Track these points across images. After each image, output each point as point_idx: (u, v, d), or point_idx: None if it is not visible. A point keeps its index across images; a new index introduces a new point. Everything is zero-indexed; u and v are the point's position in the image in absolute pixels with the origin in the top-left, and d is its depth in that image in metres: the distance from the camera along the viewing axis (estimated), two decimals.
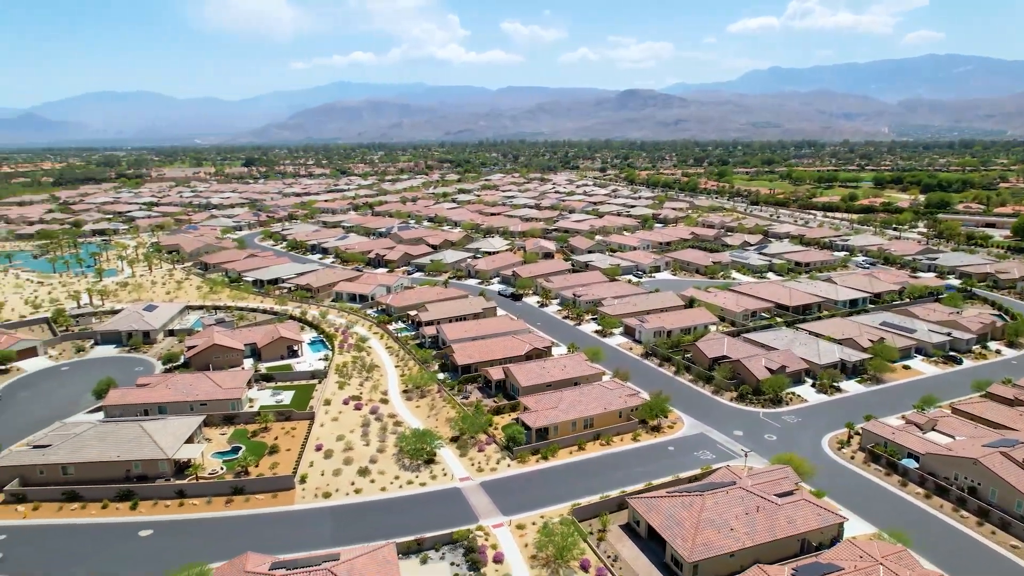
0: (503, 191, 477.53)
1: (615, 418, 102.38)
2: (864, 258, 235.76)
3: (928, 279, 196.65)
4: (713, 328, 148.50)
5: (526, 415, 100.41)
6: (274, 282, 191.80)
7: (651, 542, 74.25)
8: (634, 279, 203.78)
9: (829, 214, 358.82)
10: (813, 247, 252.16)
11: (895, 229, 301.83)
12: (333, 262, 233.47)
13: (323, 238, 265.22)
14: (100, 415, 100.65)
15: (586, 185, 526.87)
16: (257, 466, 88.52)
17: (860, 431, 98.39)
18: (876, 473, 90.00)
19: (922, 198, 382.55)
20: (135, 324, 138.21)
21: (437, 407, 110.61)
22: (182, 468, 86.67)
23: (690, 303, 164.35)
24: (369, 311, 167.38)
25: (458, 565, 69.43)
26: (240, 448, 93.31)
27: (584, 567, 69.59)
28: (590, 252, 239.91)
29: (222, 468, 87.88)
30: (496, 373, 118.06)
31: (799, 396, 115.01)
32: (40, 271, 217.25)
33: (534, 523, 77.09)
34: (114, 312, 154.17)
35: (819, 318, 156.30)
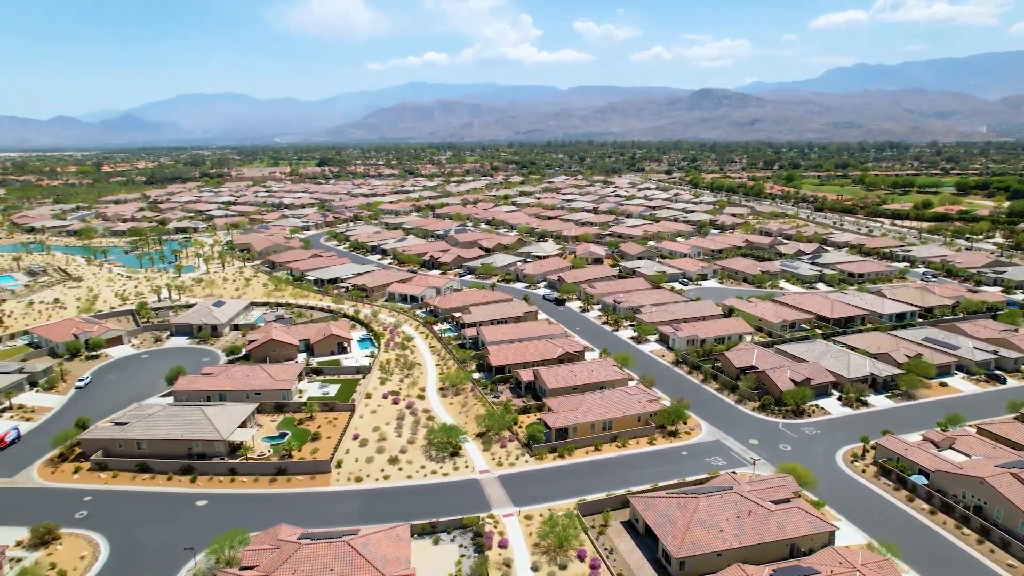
0: (563, 194, 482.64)
1: (634, 422, 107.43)
2: (925, 270, 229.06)
3: (990, 294, 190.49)
4: (748, 338, 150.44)
5: (548, 415, 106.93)
6: (333, 281, 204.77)
7: (647, 539, 79.58)
8: (680, 286, 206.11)
9: (898, 222, 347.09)
10: (872, 257, 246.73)
11: (967, 239, 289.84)
12: (391, 263, 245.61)
13: (383, 239, 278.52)
14: (170, 399, 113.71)
15: (648, 189, 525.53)
16: (300, 451, 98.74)
17: (874, 446, 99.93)
18: (885, 487, 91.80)
19: (1007, 205, 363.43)
20: (204, 318, 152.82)
21: (469, 405, 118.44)
22: (235, 449, 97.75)
23: (729, 312, 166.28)
24: (418, 312, 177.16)
25: (466, 547, 76.91)
26: (287, 434, 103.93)
27: (581, 557, 75.71)
28: (640, 258, 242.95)
29: (269, 451, 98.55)
30: (526, 375, 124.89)
31: (823, 408, 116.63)
32: (129, 266, 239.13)
33: (541, 515, 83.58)
34: (188, 306, 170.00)
35: (860, 331, 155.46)
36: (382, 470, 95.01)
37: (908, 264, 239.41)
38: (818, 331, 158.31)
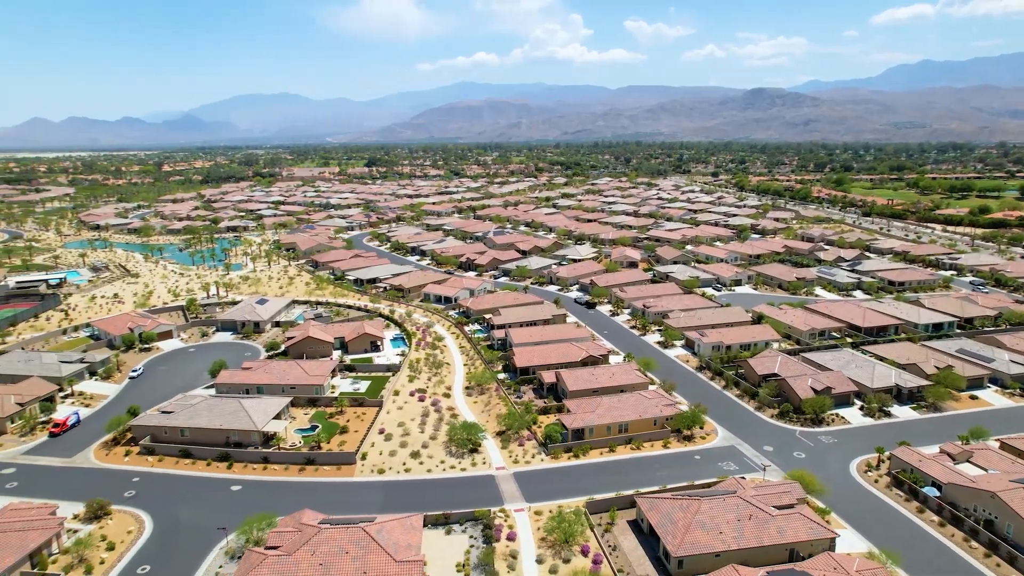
0: (605, 196, 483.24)
1: (649, 425, 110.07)
2: (973, 278, 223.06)
3: None
4: (775, 345, 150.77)
5: (565, 416, 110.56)
6: (372, 281, 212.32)
7: (651, 538, 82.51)
8: (713, 292, 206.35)
9: (950, 228, 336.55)
10: (916, 265, 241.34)
11: None
12: (429, 264, 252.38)
13: (423, 240, 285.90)
14: (212, 391, 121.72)
15: (692, 191, 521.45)
16: (328, 443, 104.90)
17: (889, 456, 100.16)
18: (896, 498, 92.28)
19: None
20: (248, 315, 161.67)
21: (492, 404, 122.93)
22: (268, 439, 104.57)
23: (758, 319, 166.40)
24: (451, 312, 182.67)
25: (475, 538, 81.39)
26: (317, 426, 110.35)
27: (584, 552, 79.28)
28: (675, 263, 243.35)
29: (300, 442, 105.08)
30: (549, 376, 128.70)
31: (843, 418, 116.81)
32: (182, 263, 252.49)
33: (551, 511, 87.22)
34: (234, 303, 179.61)
35: (893, 341, 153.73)
36: (404, 463, 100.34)
37: (955, 272, 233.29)
38: (848, 340, 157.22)
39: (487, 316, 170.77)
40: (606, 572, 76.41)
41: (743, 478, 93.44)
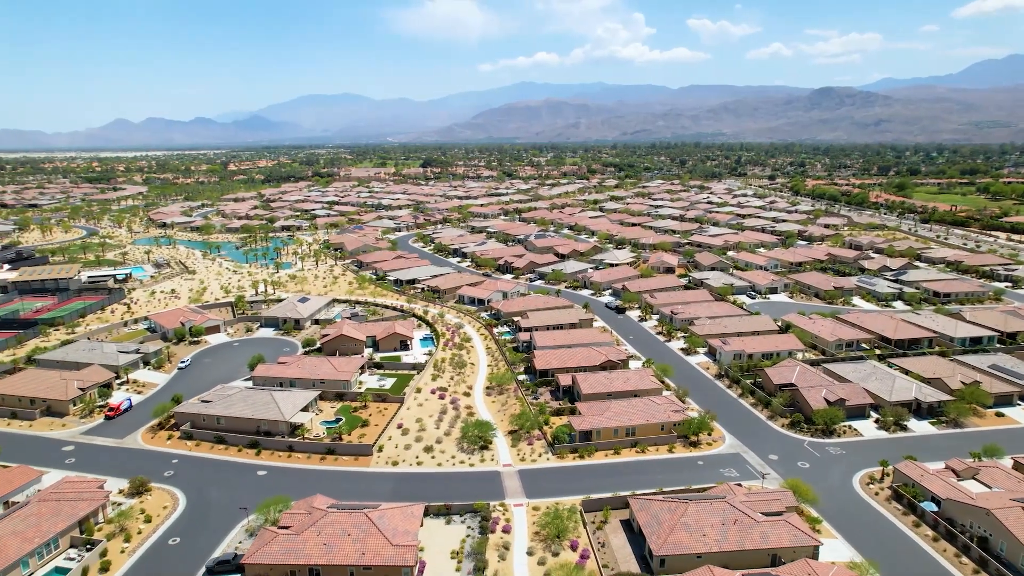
0: (654, 199, 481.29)
1: (656, 430, 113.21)
2: None
3: None
4: (799, 355, 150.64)
5: (574, 419, 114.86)
6: (411, 282, 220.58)
7: (640, 537, 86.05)
8: (747, 300, 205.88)
9: (1015, 237, 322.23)
10: (970, 275, 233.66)
11: None
12: (468, 266, 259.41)
13: (465, 243, 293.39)
14: (250, 383, 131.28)
15: (744, 195, 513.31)
16: (349, 435, 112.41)
17: (893, 470, 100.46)
18: (894, 512, 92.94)
19: None
20: (289, 312, 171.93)
21: (509, 404, 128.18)
22: (295, 429, 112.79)
23: (785, 328, 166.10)
24: (483, 314, 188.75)
25: (472, 529, 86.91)
26: (341, 419, 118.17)
27: (573, 547, 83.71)
28: (712, 269, 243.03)
29: (324, 433, 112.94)
30: (565, 379, 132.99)
31: (855, 430, 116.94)
32: (236, 261, 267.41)
33: (548, 507, 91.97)
34: (278, 301, 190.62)
35: (923, 354, 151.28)
36: (416, 457, 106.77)
37: (1010, 284, 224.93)
38: (877, 351, 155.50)
39: (515, 319, 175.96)
40: (592, 567, 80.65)
41: (739, 485, 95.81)
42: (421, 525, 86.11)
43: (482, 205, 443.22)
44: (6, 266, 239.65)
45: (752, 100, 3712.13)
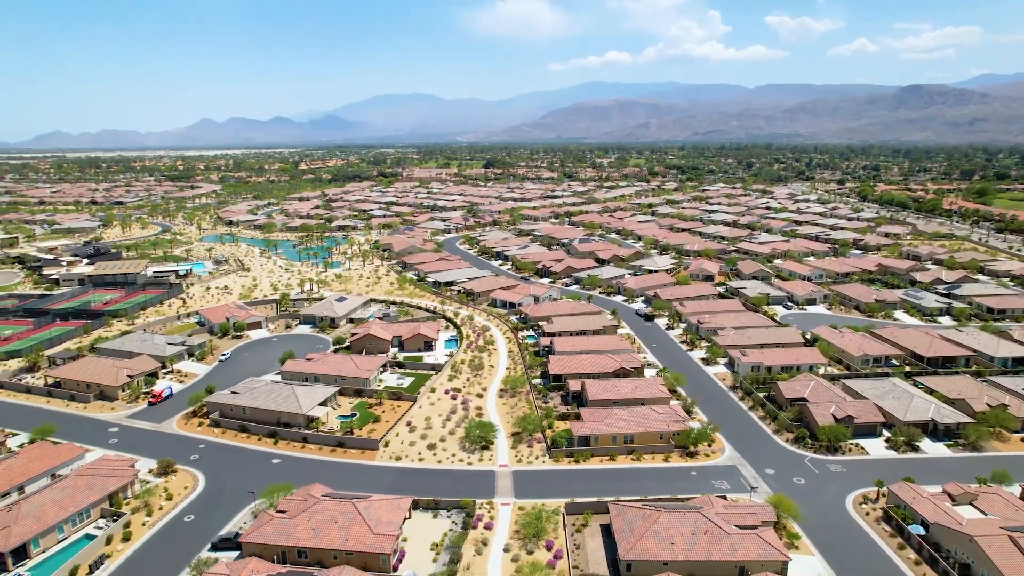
0: (710, 204, 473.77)
1: (655, 439, 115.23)
2: None
3: None
4: (821, 369, 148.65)
5: (575, 424, 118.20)
6: (449, 284, 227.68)
7: (615, 541, 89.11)
8: (783, 310, 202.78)
9: None
10: None
11: None
12: (508, 269, 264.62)
13: (508, 246, 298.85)
14: (279, 377, 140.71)
15: (805, 200, 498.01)
16: (360, 429, 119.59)
17: (887, 491, 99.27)
18: (881, 533, 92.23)
19: None
20: (326, 311, 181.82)
21: (518, 407, 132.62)
22: (311, 422, 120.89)
23: (812, 341, 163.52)
24: (512, 317, 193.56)
25: (456, 523, 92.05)
26: (355, 414, 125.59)
27: (548, 547, 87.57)
28: (753, 278, 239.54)
29: (338, 427, 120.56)
30: (575, 385, 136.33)
31: (862, 448, 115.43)
32: (290, 259, 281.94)
33: (533, 507, 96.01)
34: (320, 299, 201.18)
35: (955, 373, 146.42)
36: (419, 453, 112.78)
37: None
38: (906, 368, 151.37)
39: (541, 323, 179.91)
40: (562, 567, 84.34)
41: (724, 497, 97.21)
42: (409, 517, 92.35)
43: (534, 208, 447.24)
44: (85, 260, 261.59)
45: (832, 99, 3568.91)
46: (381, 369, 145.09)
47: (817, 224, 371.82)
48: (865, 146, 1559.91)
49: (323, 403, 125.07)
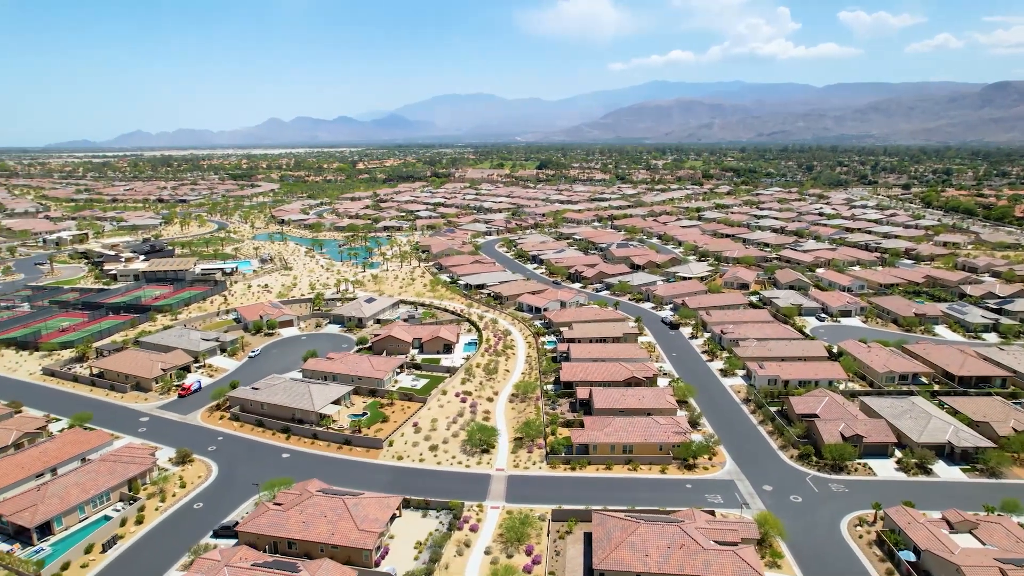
0: (760, 209, 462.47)
1: (654, 450, 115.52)
2: None
3: None
4: (841, 385, 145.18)
5: (575, 431, 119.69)
6: (480, 287, 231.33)
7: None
8: (816, 322, 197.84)
9: None
10: None
11: None
12: (542, 273, 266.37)
13: (544, 249, 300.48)
14: (300, 375, 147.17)
15: (862, 206, 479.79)
16: (368, 428, 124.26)
17: (883, 515, 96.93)
18: (871, 557, 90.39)
19: None
20: (354, 311, 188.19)
21: (526, 412, 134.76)
22: (322, 419, 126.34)
23: (838, 355, 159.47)
24: (536, 322, 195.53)
25: (443, 524, 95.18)
26: (366, 413, 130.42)
27: (528, 552, 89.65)
28: (790, 287, 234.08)
29: (348, 425, 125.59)
30: (583, 392, 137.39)
31: (869, 468, 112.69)
32: (332, 259, 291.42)
33: (520, 512, 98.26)
34: (352, 299, 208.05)
35: (987, 394, 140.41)
36: (420, 454, 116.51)
37: None
38: (935, 387, 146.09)
39: (562, 329, 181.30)
40: (539, 572, 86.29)
41: (712, 512, 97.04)
42: (399, 516, 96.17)
43: (579, 211, 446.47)
44: (141, 257, 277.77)
45: (907, 99, 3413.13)
46: (398, 370, 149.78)
47: (870, 232, 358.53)
48: (941, 148, 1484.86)
49: (336, 401, 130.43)
